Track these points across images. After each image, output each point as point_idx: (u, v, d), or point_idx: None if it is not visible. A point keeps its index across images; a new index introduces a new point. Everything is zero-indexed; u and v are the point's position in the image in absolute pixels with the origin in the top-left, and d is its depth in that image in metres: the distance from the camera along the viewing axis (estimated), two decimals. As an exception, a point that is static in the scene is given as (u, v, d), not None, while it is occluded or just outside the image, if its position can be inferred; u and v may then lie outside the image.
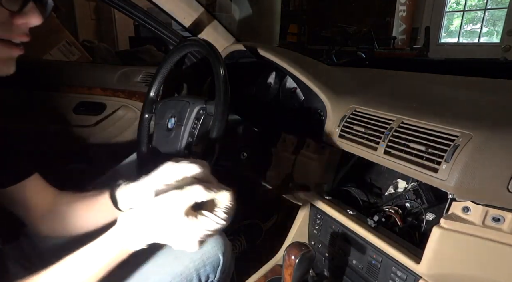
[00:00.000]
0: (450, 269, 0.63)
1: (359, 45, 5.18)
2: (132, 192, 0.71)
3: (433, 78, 1.10)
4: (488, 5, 7.68)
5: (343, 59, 1.79)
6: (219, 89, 0.86)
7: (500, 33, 7.25)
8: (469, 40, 8.12)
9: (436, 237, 0.63)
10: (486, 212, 0.60)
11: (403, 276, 0.73)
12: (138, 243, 0.56)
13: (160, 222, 0.55)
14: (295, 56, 1.11)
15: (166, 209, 0.55)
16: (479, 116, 0.69)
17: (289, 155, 1.03)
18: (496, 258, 0.59)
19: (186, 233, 0.55)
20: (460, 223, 0.61)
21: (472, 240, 0.60)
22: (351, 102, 0.88)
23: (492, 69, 1.24)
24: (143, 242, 0.56)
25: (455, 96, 0.89)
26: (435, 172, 0.62)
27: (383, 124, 0.76)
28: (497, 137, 0.59)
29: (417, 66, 1.49)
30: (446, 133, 0.64)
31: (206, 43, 0.95)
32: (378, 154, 0.74)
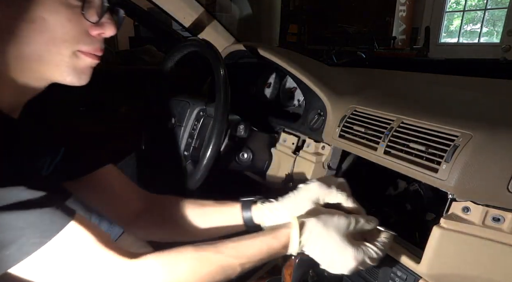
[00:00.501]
0: (450, 269, 0.63)
1: (359, 45, 5.19)
2: (277, 208, 0.73)
3: (433, 78, 1.10)
4: (488, 5, 7.69)
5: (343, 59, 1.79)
6: (219, 90, 0.86)
7: (500, 33, 7.26)
8: (469, 40, 8.13)
9: (436, 237, 0.63)
10: (486, 212, 0.60)
11: (403, 276, 0.73)
12: (297, 249, 0.61)
13: (327, 240, 0.60)
14: (295, 56, 1.11)
15: (333, 230, 0.61)
16: (479, 116, 0.69)
17: (289, 155, 1.03)
18: (496, 258, 0.59)
19: (348, 258, 0.60)
20: (460, 223, 0.61)
21: (472, 240, 0.60)
22: (351, 102, 0.88)
23: (492, 69, 1.24)
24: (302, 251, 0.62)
25: (455, 96, 0.89)
26: (435, 172, 0.62)
27: (383, 124, 0.76)
28: (497, 137, 0.59)
29: (417, 66, 1.49)
30: (446, 133, 0.64)
31: (206, 43, 0.95)
32: (378, 154, 0.74)
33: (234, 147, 1.02)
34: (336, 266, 0.61)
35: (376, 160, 0.75)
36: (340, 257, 0.60)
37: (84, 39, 0.54)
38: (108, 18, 0.56)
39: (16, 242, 0.44)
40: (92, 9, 0.54)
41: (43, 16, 0.50)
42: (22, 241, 0.45)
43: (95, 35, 0.55)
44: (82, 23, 0.53)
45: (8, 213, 0.44)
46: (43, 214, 0.47)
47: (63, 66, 0.54)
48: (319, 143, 0.96)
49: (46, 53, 0.52)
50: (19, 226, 0.45)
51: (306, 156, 0.97)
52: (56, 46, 0.52)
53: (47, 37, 0.51)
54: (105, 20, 0.55)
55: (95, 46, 0.56)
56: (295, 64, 1.03)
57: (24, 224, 0.45)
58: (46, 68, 0.54)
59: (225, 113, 0.85)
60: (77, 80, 0.57)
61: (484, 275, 0.60)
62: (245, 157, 1.04)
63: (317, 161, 0.94)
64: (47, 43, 0.52)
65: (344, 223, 0.62)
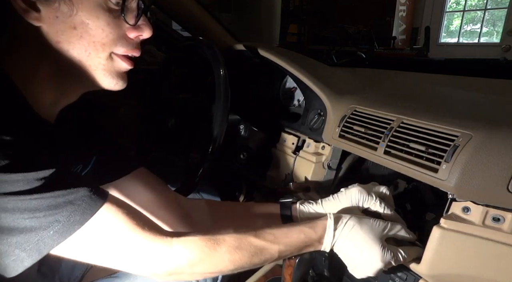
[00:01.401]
0: (450, 269, 0.63)
1: (359, 45, 5.18)
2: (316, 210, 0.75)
3: (433, 78, 1.10)
4: (488, 5, 7.68)
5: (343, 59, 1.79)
6: (219, 90, 0.86)
7: (500, 33, 7.25)
8: (469, 40, 8.12)
9: (436, 237, 0.63)
10: (486, 212, 0.60)
11: (403, 276, 0.73)
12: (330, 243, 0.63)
13: (359, 238, 0.62)
14: (295, 56, 1.11)
15: (367, 228, 0.63)
16: (479, 116, 0.69)
17: (289, 155, 1.03)
18: (496, 258, 0.59)
19: (377, 261, 0.62)
20: (460, 223, 0.61)
21: (472, 240, 0.60)
22: (351, 102, 0.88)
23: (492, 69, 1.24)
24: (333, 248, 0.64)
25: (455, 96, 0.89)
26: (435, 172, 0.62)
27: (383, 124, 0.76)
28: (497, 137, 0.59)
29: (417, 66, 1.49)
30: (446, 133, 0.64)
31: (206, 43, 0.95)
32: (378, 154, 0.74)
33: (234, 147, 1.02)
34: (362, 266, 0.63)
35: (376, 160, 0.75)
36: (368, 255, 0.62)
37: (122, 42, 0.56)
38: (144, 20, 0.58)
39: (58, 221, 0.45)
40: (130, 13, 0.56)
41: (85, 21, 0.52)
42: (62, 220, 0.46)
43: (133, 37, 0.57)
44: (121, 27, 0.55)
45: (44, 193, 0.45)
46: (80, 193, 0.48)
47: (100, 70, 0.56)
48: (319, 143, 0.96)
49: (85, 57, 0.54)
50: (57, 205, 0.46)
51: (306, 156, 0.97)
52: (95, 50, 0.54)
53: (87, 42, 0.53)
54: (141, 23, 0.57)
55: (131, 47, 0.58)
56: (295, 64, 1.03)
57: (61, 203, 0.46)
58: (85, 73, 0.55)
59: (225, 114, 0.85)
60: (113, 84, 0.58)
61: (484, 275, 0.60)
62: (245, 157, 1.04)
63: (317, 161, 0.94)
64: (87, 47, 0.53)
65: (379, 224, 0.65)
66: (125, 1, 0.54)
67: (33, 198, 0.44)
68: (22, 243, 0.44)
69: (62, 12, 0.51)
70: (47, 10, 0.51)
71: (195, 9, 1.38)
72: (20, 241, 0.44)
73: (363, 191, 0.73)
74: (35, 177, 0.45)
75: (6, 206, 0.43)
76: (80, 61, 0.54)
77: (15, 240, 0.44)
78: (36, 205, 0.44)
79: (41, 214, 0.45)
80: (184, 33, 1.50)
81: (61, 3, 0.51)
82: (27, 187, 0.44)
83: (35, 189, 0.44)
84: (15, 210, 0.43)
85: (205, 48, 0.93)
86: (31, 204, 0.44)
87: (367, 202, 0.72)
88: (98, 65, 0.55)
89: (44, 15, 0.51)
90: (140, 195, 0.77)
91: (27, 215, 0.44)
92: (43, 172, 0.46)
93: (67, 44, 0.53)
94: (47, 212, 0.45)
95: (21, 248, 0.44)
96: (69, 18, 0.52)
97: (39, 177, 0.45)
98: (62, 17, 0.51)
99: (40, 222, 0.45)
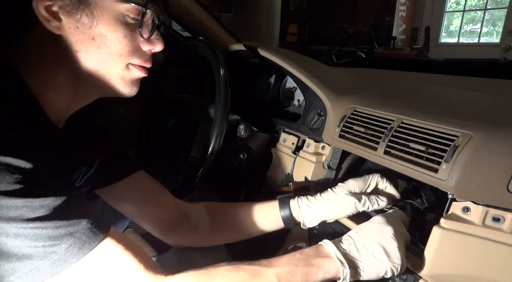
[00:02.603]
0: (450, 269, 0.63)
1: (359, 45, 5.18)
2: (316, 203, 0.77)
3: (433, 78, 1.11)
4: (488, 5, 7.68)
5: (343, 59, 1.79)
6: (219, 90, 0.85)
7: (500, 33, 7.26)
8: (469, 40, 8.13)
9: (436, 237, 0.63)
10: (486, 212, 0.60)
11: (403, 276, 0.73)
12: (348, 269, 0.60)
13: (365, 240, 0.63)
14: (295, 56, 1.11)
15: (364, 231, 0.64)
16: (479, 116, 0.69)
17: (289, 155, 1.03)
18: (496, 258, 0.59)
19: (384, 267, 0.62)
20: (460, 223, 0.61)
21: (472, 240, 0.60)
22: (351, 102, 0.88)
23: (492, 69, 1.24)
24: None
25: (455, 96, 0.89)
26: (435, 172, 0.62)
27: (383, 124, 0.76)
28: (497, 137, 0.59)
29: (417, 66, 1.49)
30: (446, 133, 0.64)
31: (206, 43, 0.95)
32: (378, 154, 0.74)
33: (234, 147, 1.02)
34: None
35: (376, 160, 0.75)
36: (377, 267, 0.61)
37: (136, 54, 0.59)
38: (157, 35, 0.61)
39: (55, 252, 0.45)
40: (146, 27, 0.59)
41: (103, 33, 0.54)
42: (60, 252, 0.45)
43: (146, 50, 0.60)
44: (136, 39, 0.58)
45: (46, 223, 0.45)
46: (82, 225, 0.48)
47: (116, 78, 0.58)
48: (319, 143, 0.96)
49: (102, 67, 0.56)
50: (57, 236, 0.45)
51: (306, 155, 0.97)
52: (112, 60, 0.56)
53: (105, 52, 0.55)
54: (154, 37, 0.60)
55: (145, 59, 0.60)
56: (295, 64, 1.03)
57: (61, 234, 0.46)
58: (101, 81, 0.58)
59: (225, 114, 0.85)
60: (129, 91, 0.61)
61: (484, 275, 0.60)
62: (245, 157, 1.04)
63: (317, 160, 0.94)
64: (104, 57, 0.56)
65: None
66: (143, 17, 0.57)
67: (35, 226, 0.44)
68: (17, 270, 0.44)
69: (83, 23, 0.53)
70: (68, 20, 0.52)
71: (195, 9, 1.38)
72: (16, 268, 0.44)
73: (358, 179, 0.77)
74: (40, 204, 0.45)
75: (8, 232, 0.43)
76: (97, 70, 0.56)
77: (11, 266, 0.44)
78: (38, 234, 0.44)
79: (41, 243, 0.44)
80: (184, 33, 1.50)
81: (82, 14, 0.53)
82: (31, 214, 0.44)
83: (39, 218, 0.44)
84: (16, 236, 0.43)
85: (205, 48, 0.93)
86: (33, 232, 0.44)
87: (364, 186, 0.77)
88: (114, 75, 0.58)
89: (65, 25, 0.53)
90: (138, 197, 0.78)
91: (28, 243, 0.44)
92: (48, 199, 0.45)
93: (85, 53, 0.55)
94: (47, 242, 0.45)
95: (16, 275, 0.44)
96: (89, 29, 0.53)
97: (43, 204, 0.45)
98: (82, 28, 0.53)
99: (39, 252, 0.44)
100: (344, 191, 0.76)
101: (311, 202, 0.76)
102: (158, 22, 0.60)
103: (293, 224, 0.77)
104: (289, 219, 0.76)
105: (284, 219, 0.76)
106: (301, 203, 0.76)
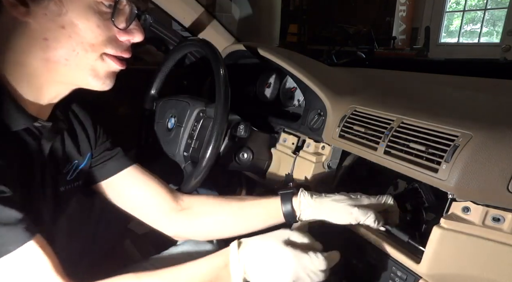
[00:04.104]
0: (450, 269, 0.63)
1: (359, 45, 5.18)
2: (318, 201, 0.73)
3: (433, 78, 1.11)
4: (488, 5, 7.69)
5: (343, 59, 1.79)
6: (219, 91, 0.85)
7: (500, 33, 7.26)
8: (469, 40, 8.13)
9: (436, 237, 0.63)
10: (486, 212, 0.60)
11: (403, 276, 0.73)
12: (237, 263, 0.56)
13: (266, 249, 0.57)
14: (295, 56, 1.11)
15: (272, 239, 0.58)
16: (479, 116, 0.69)
17: (289, 155, 1.03)
18: (496, 258, 0.59)
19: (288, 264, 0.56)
20: (460, 223, 0.61)
21: (472, 240, 0.60)
22: (351, 102, 0.88)
23: (492, 69, 1.24)
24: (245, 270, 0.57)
25: (455, 96, 0.89)
26: (435, 172, 0.62)
27: (383, 124, 0.76)
28: (497, 137, 0.59)
29: (417, 66, 1.49)
30: (446, 133, 0.64)
31: (206, 43, 0.95)
32: (378, 154, 0.74)
33: (234, 147, 1.02)
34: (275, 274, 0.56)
35: (376, 160, 0.75)
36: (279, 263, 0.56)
37: (112, 44, 0.56)
38: (136, 25, 0.58)
39: None
40: (122, 16, 0.56)
41: (74, 22, 0.52)
42: None
43: (123, 41, 0.57)
44: (111, 29, 0.55)
45: None
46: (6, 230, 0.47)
47: (87, 70, 0.56)
48: (319, 143, 0.96)
49: (73, 57, 0.54)
50: None
51: (306, 155, 0.97)
52: (84, 50, 0.54)
53: (76, 42, 0.53)
54: (133, 27, 0.57)
55: (121, 49, 0.57)
56: (295, 64, 1.03)
57: None
58: (73, 72, 0.55)
59: (225, 114, 0.84)
60: (100, 84, 0.58)
61: (484, 275, 0.60)
62: (245, 157, 1.04)
63: (317, 160, 0.94)
64: (75, 47, 0.53)
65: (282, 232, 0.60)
66: (116, 4, 0.54)
67: None
68: None
69: (51, 11, 0.51)
70: (35, 6, 0.51)
71: (195, 9, 1.38)
72: None
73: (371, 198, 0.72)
74: None
75: None
76: (67, 60, 0.54)
77: None
78: None
79: None
80: (184, 33, 1.50)
81: (50, 1, 0.51)
82: None
83: None
84: None
85: (205, 48, 0.93)
86: None
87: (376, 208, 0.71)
88: (86, 65, 0.55)
89: (32, 11, 0.51)
90: (135, 190, 0.77)
91: None
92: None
93: (55, 42, 0.52)
94: None
95: None
96: (58, 17, 0.51)
97: None
98: (50, 15, 0.51)
99: None
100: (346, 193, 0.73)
101: (314, 199, 0.73)
102: (138, 10, 0.57)
103: (293, 220, 0.75)
104: (290, 215, 0.74)
105: (285, 214, 0.74)
106: (303, 198, 0.73)
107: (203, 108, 1.01)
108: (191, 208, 0.80)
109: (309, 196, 0.74)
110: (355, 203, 0.71)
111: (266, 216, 0.76)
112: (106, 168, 0.75)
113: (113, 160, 0.76)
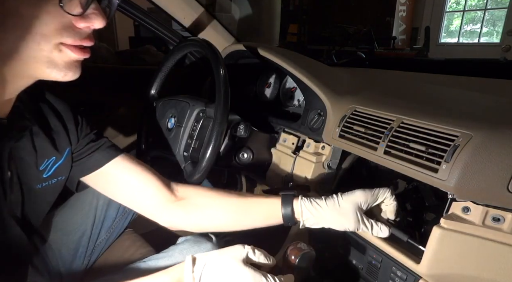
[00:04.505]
0: (450, 269, 0.63)
1: (359, 45, 5.18)
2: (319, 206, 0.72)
3: (433, 78, 1.11)
4: (488, 5, 7.68)
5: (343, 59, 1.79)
6: (219, 91, 0.85)
7: (500, 33, 7.26)
8: (469, 40, 8.13)
9: (436, 237, 0.63)
10: (486, 212, 0.60)
11: (403, 276, 0.73)
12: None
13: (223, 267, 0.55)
14: (295, 56, 1.11)
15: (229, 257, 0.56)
16: (479, 116, 0.69)
17: (289, 155, 1.03)
18: (496, 258, 0.59)
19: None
20: (460, 223, 0.61)
21: (472, 240, 0.60)
22: (351, 102, 0.88)
23: (492, 69, 1.24)
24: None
25: (455, 96, 0.89)
26: (435, 172, 0.62)
27: (383, 124, 0.76)
28: (497, 137, 0.59)
29: (417, 66, 1.49)
30: (446, 133, 0.64)
31: (206, 43, 0.95)
32: (378, 154, 0.74)
33: (234, 147, 1.02)
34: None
35: (376, 160, 0.75)
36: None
37: (68, 32, 0.49)
38: (94, 9, 0.50)
39: None
40: (76, 0, 0.49)
41: (19, 10, 0.46)
42: None
43: (81, 27, 0.50)
44: (65, 16, 0.48)
45: None
46: None
47: (44, 61, 0.50)
48: (319, 143, 0.96)
49: (24, 49, 0.48)
50: None
51: (306, 156, 0.97)
52: (35, 41, 0.48)
53: (25, 33, 0.47)
54: (91, 11, 0.50)
55: (81, 37, 0.51)
56: (295, 64, 1.03)
57: None
58: (27, 65, 0.50)
59: (225, 114, 0.84)
60: (61, 76, 0.52)
61: (484, 275, 0.60)
62: (245, 157, 1.04)
63: (317, 161, 0.94)
64: (25, 38, 0.47)
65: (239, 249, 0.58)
66: None
67: None
68: None
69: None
70: None
71: (195, 9, 1.39)
72: None
73: (366, 191, 0.71)
74: None
75: None
76: (19, 53, 0.48)
77: None
78: None
79: None
80: (184, 33, 1.50)
81: None
82: None
83: None
84: None
85: (205, 48, 0.93)
86: None
87: (371, 201, 0.71)
88: (42, 58, 0.50)
89: None
90: (125, 179, 0.75)
91: None
92: None
93: (1, 34, 0.47)
94: None
95: None
96: (1, 6, 0.45)
97: None
98: None
99: None
100: (351, 203, 0.71)
101: (315, 208, 0.71)
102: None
103: (292, 223, 0.75)
104: (290, 218, 0.73)
105: (285, 217, 0.73)
106: (304, 207, 0.72)
107: (203, 108, 1.01)
108: (187, 199, 0.78)
109: (309, 203, 0.72)
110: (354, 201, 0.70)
111: (265, 216, 0.75)
112: (92, 159, 0.72)
113: (99, 151, 0.73)
